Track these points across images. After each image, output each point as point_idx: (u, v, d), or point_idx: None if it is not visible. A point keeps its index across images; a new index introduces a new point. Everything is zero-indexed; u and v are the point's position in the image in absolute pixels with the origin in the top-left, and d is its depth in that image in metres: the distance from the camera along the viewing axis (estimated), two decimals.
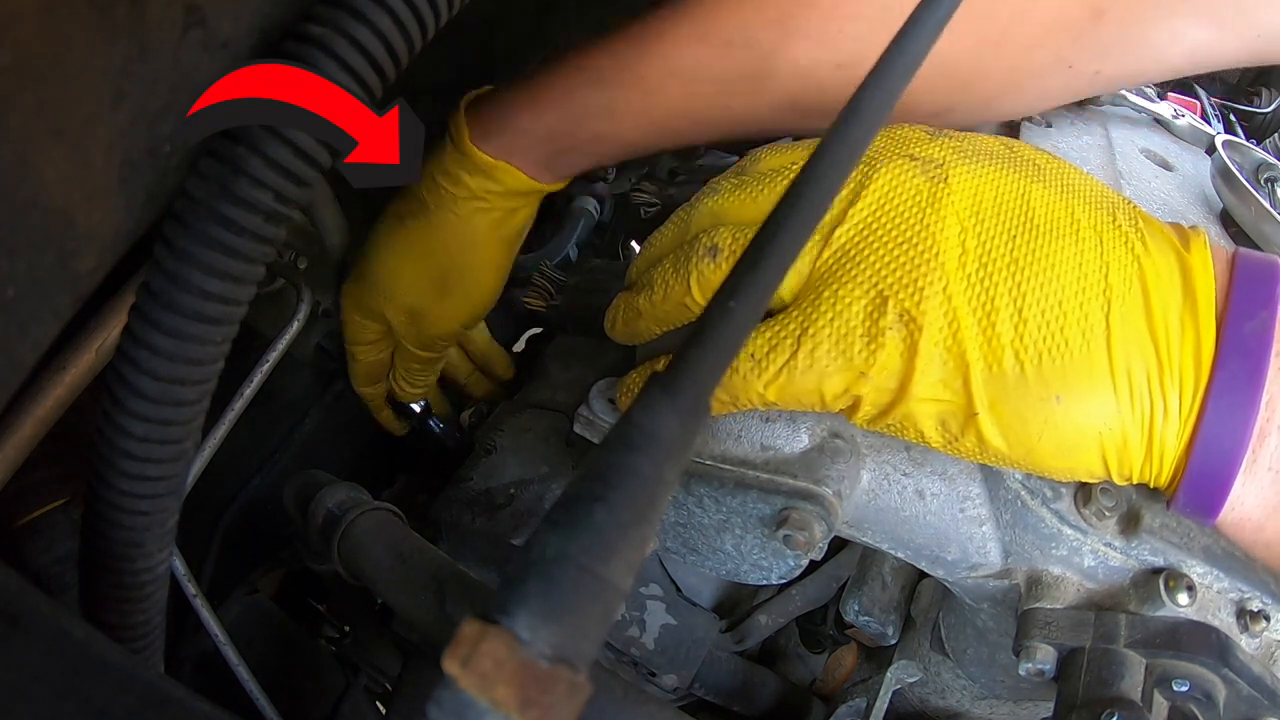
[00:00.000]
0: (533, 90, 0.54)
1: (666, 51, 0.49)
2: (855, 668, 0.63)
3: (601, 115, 0.52)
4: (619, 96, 0.51)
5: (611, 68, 0.51)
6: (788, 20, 0.46)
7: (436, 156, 0.57)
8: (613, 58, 0.50)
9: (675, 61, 0.49)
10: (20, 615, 0.27)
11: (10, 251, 0.26)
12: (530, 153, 0.55)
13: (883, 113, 0.26)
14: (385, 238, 0.61)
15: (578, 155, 0.56)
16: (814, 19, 0.46)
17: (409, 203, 0.60)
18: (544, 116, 0.53)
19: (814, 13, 0.46)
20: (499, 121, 0.55)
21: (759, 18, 0.47)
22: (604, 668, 0.53)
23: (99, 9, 0.25)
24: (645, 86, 0.50)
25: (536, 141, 0.55)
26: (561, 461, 0.64)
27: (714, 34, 0.47)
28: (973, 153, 0.42)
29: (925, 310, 0.37)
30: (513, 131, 0.54)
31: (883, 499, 0.45)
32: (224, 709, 0.30)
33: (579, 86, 0.52)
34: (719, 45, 0.47)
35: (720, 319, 0.23)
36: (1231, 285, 0.38)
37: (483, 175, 0.56)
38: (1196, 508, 0.38)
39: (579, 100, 0.52)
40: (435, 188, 0.57)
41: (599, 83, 0.51)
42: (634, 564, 0.20)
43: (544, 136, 0.54)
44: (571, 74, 0.52)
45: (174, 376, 0.31)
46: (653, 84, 0.50)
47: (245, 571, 0.72)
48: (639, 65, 0.50)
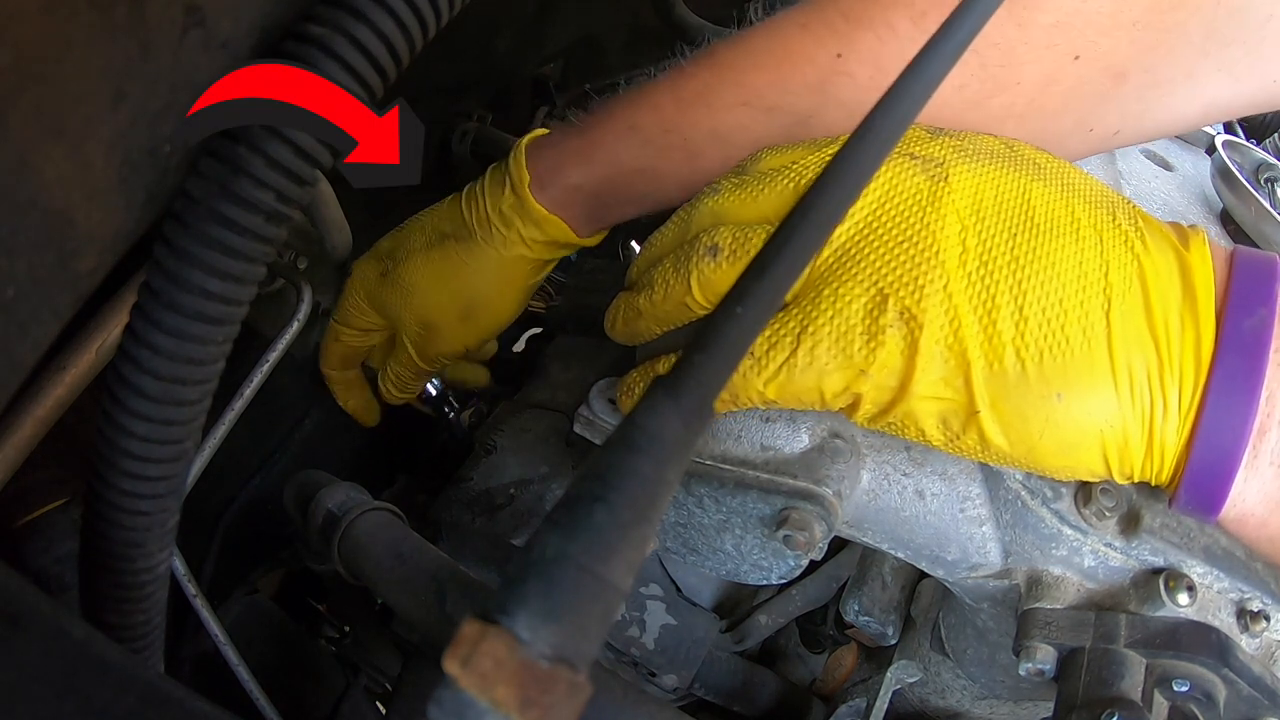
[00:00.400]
0: (583, 147, 0.54)
1: (710, 117, 0.49)
2: (855, 668, 0.63)
3: (647, 175, 0.53)
4: (664, 159, 0.52)
5: (657, 130, 0.51)
6: (826, 86, 0.46)
7: (494, 192, 0.58)
8: (659, 120, 0.51)
9: (718, 126, 0.49)
10: (20, 615, 0.27)
11: (10, 251, 0.26)
12: (578, 207, 0.57)
13: (902, 127, 0.26)
14: (422, 249, 0.61)
15: (619, 211, 0.57)
16: (848, 88, 0.46)
17: (454, 224, 0.60)
18: (593, 174, 0.54)
19: (849, 82, 0.46)
20: (554, 173, 0.56)
21: (797, 80, 0.47)
22: (604, 668, 0.53)
23: (99, 9, 0.25)
24: (689, 150, 0.51)
25: (585, 197, 0.56)
26: (561, 461, 0.64)
27: (756, 99, 0.48)
28: (973, 152, 0.42)
29: (926, 308, 0.37)
30: (565, 186, 0.56)
31: (883, 499, 0.45)
32: (224, 709, 0.30)
33: (627, 149, 0.53)
34: (760, 110, 0.48)
35: (726, 323, 0.23)
36: (1230, 283, 0.38)
37: (534, 225, 0.57)
38: (1198, 505, 0.38)
39: (626, 160, 0.53)
40: (486, 223, 0.58)
41: (645, 144, 0.52)
42: (634, 564, 0.20)
43: (592, 192, 0.55)
44: (622, 134, 0.53)
45: (175, 376, 0.31)
46: (696, 147, 0.50)
47: (245, 571, 0.72)
48: (685, 129, 0.50)
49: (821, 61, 0.46)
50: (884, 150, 0.26)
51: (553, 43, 0.85)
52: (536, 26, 0.80)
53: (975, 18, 0.28)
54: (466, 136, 0.78)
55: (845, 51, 0.45)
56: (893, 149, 0.27)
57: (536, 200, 0.56)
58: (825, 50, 0.46)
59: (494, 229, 0.58)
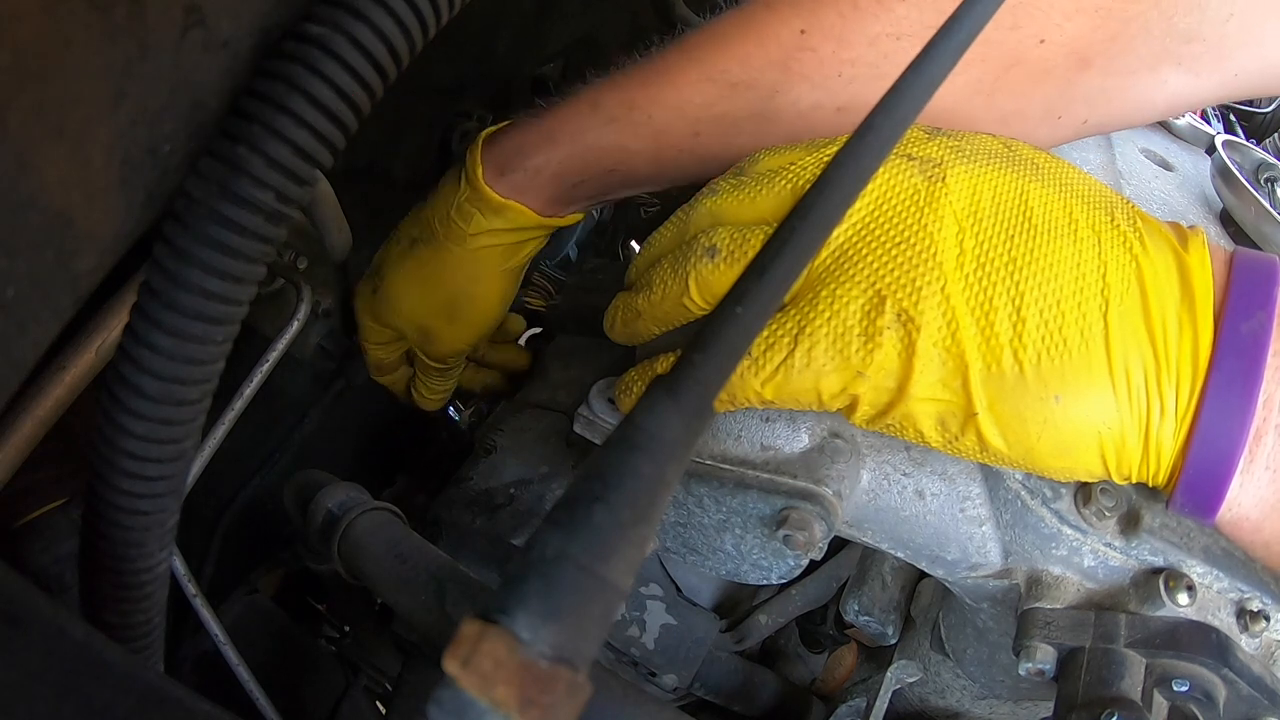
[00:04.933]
0: (545, 128, 0.54)
1: (674, 92, 0.50)
2: (855, 668, 0.63)
3: (612, 154, 0.53)
4: (629, 136, 0.52)
5: (621, 107, 0.51)
6: (790, 62, 0.47)
7: (449, 190, 0.58)
8: (622, 97, 0.51)
9: (683, 102, 0.50)
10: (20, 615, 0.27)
11: (10, 251, 0.26)
12: (542, 191, 0.57)
13: (901, 128, 0.26)
14: (397, 258, 0.62)
15: (588, 191, 0.57)
16: (812, 63, 0.47)
17: (420, 227, 0.61)
18: (555, 155, 0.54)
19: (813, 57, 0.46)
20: (513, 159, 0.56)
21: (761, 57, 0.47)
22: (604, 668, 0.53)
23: (99, 9, 0.25)
24: (654, 126, 0.51)
25: (548, 180, 0.56)
26: (561, 461, 0.64)
27: (719, 75, 0.48)
28: (970, 152, 0.42)
29: (923, 310, 0.37)
30: (525, 170, 0.56)
31: (883, 499, 0.45)
32: (224, 709, 0.30)
33: (590, 127, 0.53)
34: (724, 86, 0.48)
35: (726, 323, 0.23)
36: (1229, 285, 0.38)
37: (494, 213, 0.57)
38: (1195, 507, 0.38)
39: (590, 140, 0.53)
40: (447, 220, 0.58)
41: (610, 121, 0.52)
42: (634, 564, 0.20)
43: (556, 174, 0.55)
44: (584, 113, 0.53)
45: (175, 376, 0.31)
46: (661, 124, 0.51)
47: (245, 571, 0.72)
48: (648, 105, 0.50)
49: (785, 38, 0.46)
50: (883, 151, 0.26)
51: (553, 43, 0.85)
52: (536, 26, 0.80)
53: (975, 18, 0.28)
54: (466, 136, 0.78)
55: (809, 27, 0.46)
56: (891, 150, 0.27)
57: (492, 188, 0.56)
58: (789, 27, 0.46)
59: (453, 224, 0.58)
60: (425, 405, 0.73)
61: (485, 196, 0.56)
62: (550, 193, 0.57)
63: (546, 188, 0.56)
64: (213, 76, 0.30)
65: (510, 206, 0.57)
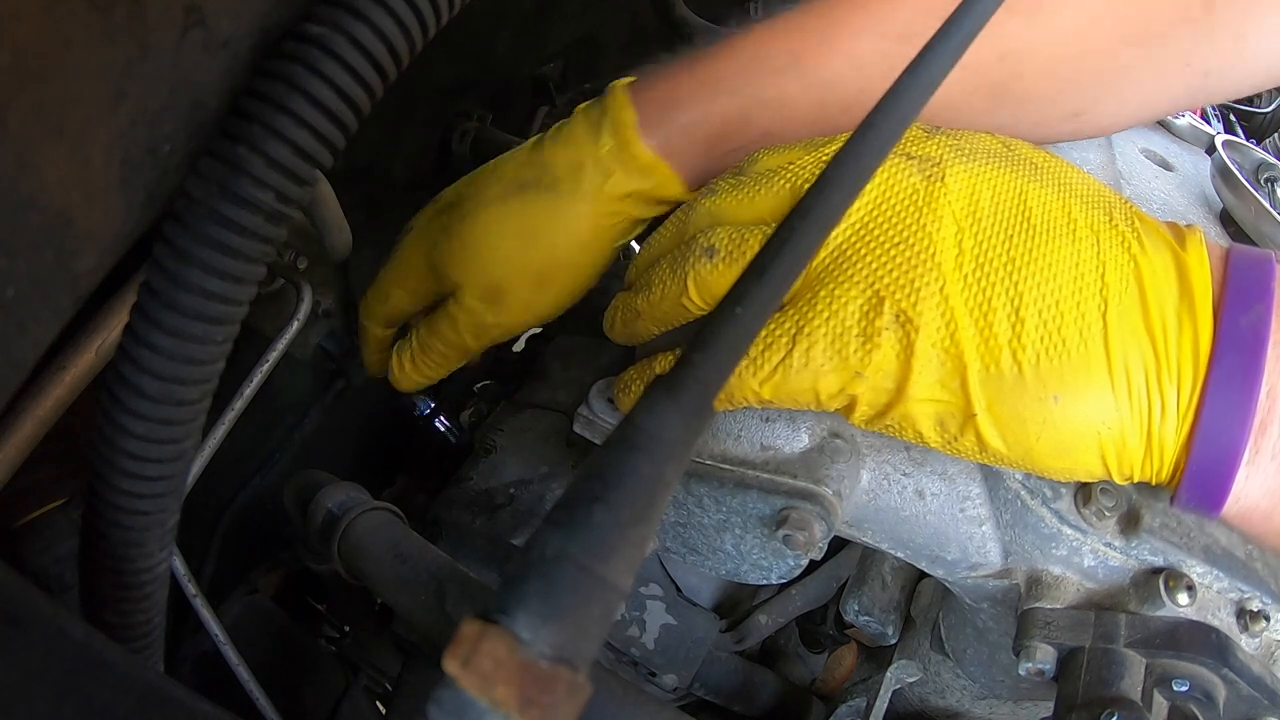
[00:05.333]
0: (701, 78, 0.48)
1: (848, 42, 0.46)
2: (855, 668, 0.63)
3: (772, 109, 0.48)
4: (796, 89, 0.47)
5: (787, 57, 0.46)
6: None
7: (582, 135, 0.49)
8: (788, 47, 0.47)
9: (856, 53, 0.46)
10: (20, 615, 0.27)
11: (10, 251, 0.26)
12: (693, 152, 0.49)
13: (901, 128, 0.26)
14: (496, 198, 0.52)
15: (734, 156, 0.49)
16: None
17: (535, 170, 0.51)
18: (715, 109, 0.48)
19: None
20: (664, 111, 0.48)
21: (926, 11, 0.45)
22: (604, 668, 0.53)
23: (99, 9, 0.25)
24: (824, 80, 0.47)
25: (703, 139, 0.49)
26: (561, 461, 0.64)
27: (890, 29, 0.46)
28: (969, 151, 0.42)
29: (922, 311, 0.37)
30: (680, 125, 0.48)
31: (883, 499, 0.45)
32: (224, 709, 0.30)
33: (755, 75, 0.47)
34: (895, 40, 0.45)
35: (726, 323, 0.23)
36: (1226, 280, 0.38)
37: (639, 174, 0.49)
38: (1200, 502, 0.38)
39: (754, 91, 0.47)
40: (578, 171, 0.49)
41: (775, 72, 0.47)
42: (634, 564, 0.20)
43: (713, 132, 0.48)
44: (746, 64, 0.47)
45: (175, 376, 0.31)
46: (831, 77, 0.47)
47: (245, 571, 0.72)
48: (819, 56, 0.46)
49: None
50: (883, 152, 0.26)
51: (553, 43, 0.85)
52: (536, 26, 0.80)
53: (975, 17, 0.28)
54: (466, 136, 0.78)
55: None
56: (891, 150, 0.27)
57: (646, 144, 0.48)
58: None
59: (586, 177, 0.49)
60: (401, 383, 0.60)
61: (635, 153, 0.48)
62: (699, 156, 0.49)
63: (699, 149, 0.49)
64: (213, 76, 0.30)
65: (660, 169, 0.48)
